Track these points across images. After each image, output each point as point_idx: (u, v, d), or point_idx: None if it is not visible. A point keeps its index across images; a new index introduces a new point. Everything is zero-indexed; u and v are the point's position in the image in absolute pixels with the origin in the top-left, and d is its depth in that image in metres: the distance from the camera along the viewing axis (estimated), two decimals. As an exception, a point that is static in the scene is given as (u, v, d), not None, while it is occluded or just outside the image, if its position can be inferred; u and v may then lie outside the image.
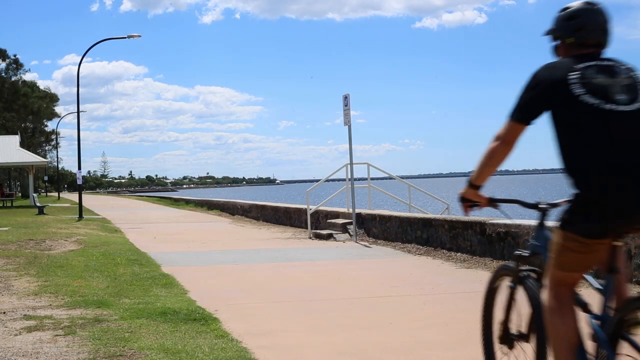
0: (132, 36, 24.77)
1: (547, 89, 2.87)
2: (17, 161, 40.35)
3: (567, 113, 2.83)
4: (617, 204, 2.72)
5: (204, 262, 10.19)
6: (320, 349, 4.80)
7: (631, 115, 2.78)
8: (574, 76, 2.83)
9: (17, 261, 9.58)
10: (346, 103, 13.33)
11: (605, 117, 2.76)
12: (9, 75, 68.74)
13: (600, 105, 2.78)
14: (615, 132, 2.75)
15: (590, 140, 2.76)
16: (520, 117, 2.95)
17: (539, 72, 2.94)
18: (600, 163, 2.73)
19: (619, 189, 2.70)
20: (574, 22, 2.98)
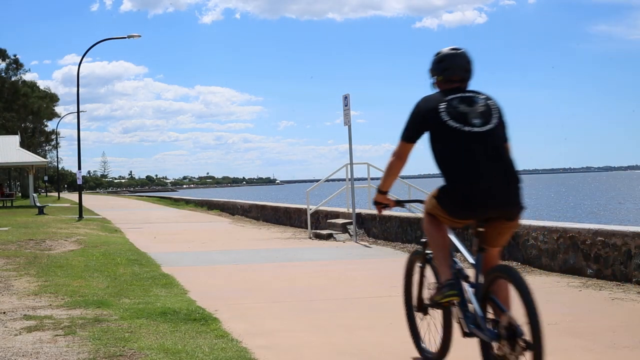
0: (132, 36, 24.77)
1: (425, 117, 3.84)
2: (17, 161, 40.35)
3: (438, 134, 3.79)
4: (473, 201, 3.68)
5: (204, 262, 10.19)
6: (320, 349, 4.81)
7: (484, 134, 3.73)
8: (443, 106, 3.79)
9: (17, 261, 9.58)
10: (346, 103, 13.33)
11: (464, 136, 3.72)
12: (9, 75, 68.73)
13: (460, 128, 3.73)
14: (470, 147, 3.69)
15: (454, 154, 3.72)
16: (407, 138, 3.94)
17: (419, 103, 3.91)
18: (461, 170, 3.69)
19: (474, 191, 3.66)
20: (442, 64, 3.93)
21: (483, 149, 3.71)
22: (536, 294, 7.07)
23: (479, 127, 3.75)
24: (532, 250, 8.69)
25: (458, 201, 3.75)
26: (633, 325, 5.41)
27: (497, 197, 3.69)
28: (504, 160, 3.76)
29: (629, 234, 7.31)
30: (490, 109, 3.83)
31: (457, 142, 3.72)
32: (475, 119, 3.76)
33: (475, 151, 3.69)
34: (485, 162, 3.69)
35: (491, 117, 3.80)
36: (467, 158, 3.69)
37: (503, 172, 3.72)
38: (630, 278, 7.21)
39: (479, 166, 3.68)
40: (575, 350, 4.65)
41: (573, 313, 5.88)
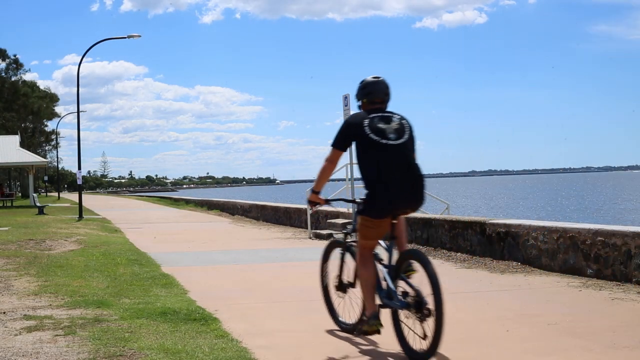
0: (132, 36, 24.77)
1: (352, 130, 4.69)
2: (17, 161, 40.35)
3: (362, 145, 4.63)
4: (388, 199, 4.54)
5: (204, 262, 10.19)
6: (320, 349, 4.81)
7: (397, 147, 4.59)
8: (366, 122, 4.64)
9: (17, 261, 9.58)
10: (346, 103, 13.33)
11: (382, 147, 4.57)
12: (9, 75, 68.73)
13: (379, 141, 4.57)
14: (387, 157, 4.55)
15: (374, 162, 4.57)
16: (339, 147, 4.79)
17: (348, 119, 4.80)
18: (379, 176, 4.53)
19: (388, 191, 4.52)
20: (366, 89, 4.84)
21: (396, 158, 4.59)
22: (536, 294, 7.08)
23: (394, 141, 4.61)
24: (532, 250, 8.69)
25: (380, 204, 4.57)
26: (633, 325, 5.41)
27: (406, 196, 4.59)
28: (412, 167, 4.63)
29: (629, 234, 7.31)
30: (404, 127, 4.72)
31: (376, 151, 4.58)
32: (391, 134, 4.62)
33: (389, 159, 4.57)
34: (397, 168, 4.56)
35: (404, 133, 4.68)
36: (383, 165, 4.56)
37: (411, 177, 4.60)
38: (630, 278, 7.22)
39: (393, 172, 4.55)
40: (575, 350, 4.65)
41: (573, 313, 5.88)
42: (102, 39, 25.53)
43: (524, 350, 4.70)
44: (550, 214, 39.06)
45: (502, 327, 5.39)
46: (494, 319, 5.68)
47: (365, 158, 4.64)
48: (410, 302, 4.41)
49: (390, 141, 4.59)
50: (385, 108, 4.82)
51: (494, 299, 6.66)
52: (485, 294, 6.98)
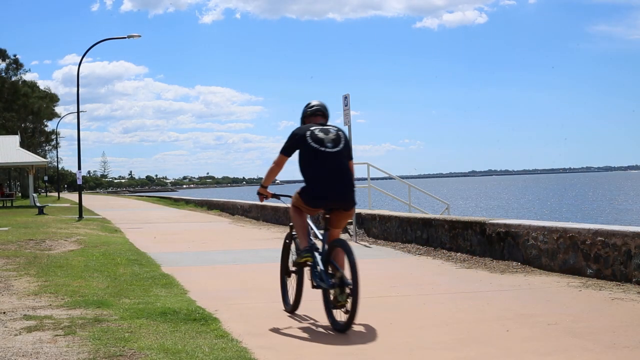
0: (132, 36, 24.78)
1: (297, 139, 5.67)
2: (17, 161, 40.36)
3: (304, 151, 5.62)
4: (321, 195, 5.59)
5: (204, 262, 10.19)
6: (320, 349, 4.81)
7: (334, 154, 5.59)
8: (309, 133, 5.65)
9: (17, 261, 9.58)
10: (346, 103, 13.33)
11: (320, 154, 5.57)
12: (9, 75, 68.78)
13: (318, 148, 5.57)
14: (324, 162, 5.56)
15: (313, 165, 5.59)
16: (285, 153, 5.75)
17: (295, 130, 5.75)
18: (316, 177, 5.58)
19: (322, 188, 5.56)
20: (311, 108, 5.94)
21: (331, 163, 5.58)
22: (536, 294, 7.09)
23: (330, 149, 5.61)
24: (532, 250, 8.69)
25: (312, 196, 5.63)
26: (633, 325, 5.40)
27: (337, 195, 5.59)
28: (345, 172, 5.63)
29: (629, 234, 7.31)
30: (340, 138, 5.72)
31: (315, 157, 5.58)
32: (328, 143, 5.61)
33: (326, 164, 5.57)
34: (332, 172, 5.57)
35: (339, 143, 5.68)
36: (321, 169, 5.57)
37: (343, 180, 5.61)
38: (630, 278, 7.21)
39: (327, 174, 5.56)
40: (575, 350, 4.64)
41: (573, 313, 5.88)
42: (102, 39, 25.57)
43: (524, 350, 4.70)
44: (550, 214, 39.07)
45: (502, 327, 5.39)
46: (494, 319, 5.68)
47: (306, 162, 5.65)
48: (336, 283, 5.30)
49: (327, 149, 5.61)
50: (325, 123, 5.87)
51: (494, 299, 6.66)
52: (485, 294, 6.98)
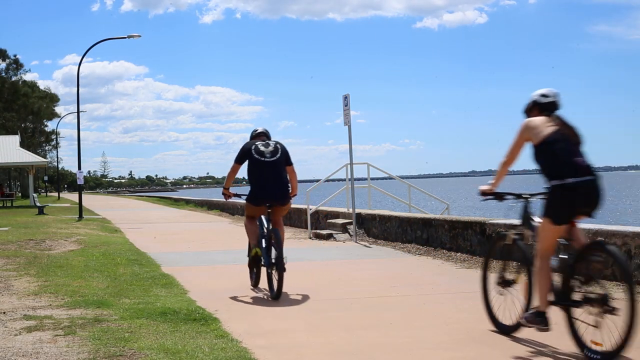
0: (132, 36, 24.78)
1: (245, 152, 7.22)
2: (17, 161, 40.34)
3: (251, 162, 7.18)
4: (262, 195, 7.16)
5: (204, 262, 10.19)
6: (320, 349, 4.81)
7: (272, 163, 7.13)
8: (253, 147, 7.20)
9: (17, 261, 9.58)
10: (346, 103, 13.33)
11: (261, 164, 7.13)
12: (9, 75, 68.75)
13: (259, 159, 7.13)
14: (264, 171, 7.11)
15: (256, 172, 7.15)
16: (238, 162, 7.31)
17: (244, 145, 7.31)
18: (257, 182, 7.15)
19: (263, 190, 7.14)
20: (256, 133, 7.58)
21: (270, 170, 7.15)
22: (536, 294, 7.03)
23: (269, 159, 7.17)
24: (532, 250, 8.67)
25: (255, 197, 7.23)
26: (633, 325, 5.39)
27: (274, 194, 7.16)
28: (281, 176, 7.21)
29: (629, 234, 7.31)
30: (278, 149, 7.26)
31: (258, 166, 7.17)
32: (268, 154, 7.18)
33: (265, 171, 7.15)
34: (270, 177, 7.14)
35: (277, 154, 7.22)
36: (261, 175, 7.16)
37: (277, 182, 7.17)
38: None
39: (267, 179, 7.15)
40: (575, 350, 4.64)
41: (573, 313, 5.86)
42: (102, 39, 25.55)
43: (524, 350, 4.70)
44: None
45: (502, 327, 5.37)
46: (494, 319, 5.66)
47: (251, 170, 7.24)
48: (272, 263, 7.06)
49: (267, 159, 7.17)
50: (266, 139, 7.48)
51: (494, 299, 6.64)
52: (485, 294, 6.97)
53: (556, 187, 4.53)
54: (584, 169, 4.52)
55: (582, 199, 4.49)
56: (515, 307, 5.10)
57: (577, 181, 4.47)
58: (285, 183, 7.21)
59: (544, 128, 4.69)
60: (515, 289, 5.18)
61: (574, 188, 4.47)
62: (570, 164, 4.52)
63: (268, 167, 7.11)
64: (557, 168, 4.55)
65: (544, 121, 4.75)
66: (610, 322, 4.25)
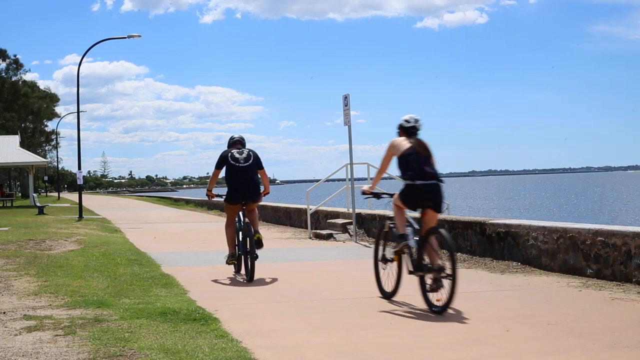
0: (132, 36, 24.77)
1: (223, 159, 8.45)
2: (17, 161, 40.34)
3: (227, 167, 8.42)
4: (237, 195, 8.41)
5: (204, 262, 10.19)
6: (320, 349, 4.81)
7: (245, 168, 8.39)
8: (229, 155, 8.43)
9: (17, 261, 9.58)
10: (346, 103, 13.33)
11: (236, 169, 8.39)
12: (9, 75, 68.72)
13: (235, 165, 8.39)
14: (238, 175, 8.38)
15: (231, 176, 8.41)
16: (217, 168, 8.53)
17: (222, 153, 8.52)
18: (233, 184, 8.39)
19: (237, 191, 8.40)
20: (232, 141, 8.69)
21: (243, 174, 8.37)
22: (536, 294, 7.09)
23: (243, 164, 8.39)
24: (532, 250, 8.69)
25: (232, 196, 8.45)
26: (633, 325, 5.41)
27: (246, 194, 8.42)
28: (253, 179, 8.45)
29: (629, 234, 7.31)
30: (250, 156, 8.46)
31: (233, 170, 8.40)
32: (241, 160, 8.40)
33: (239, 175, 8.38)
34: (243, 180, 8.37)
35: (250, 160, 8.43)
36: (236, 178, 8.39)
37: (251, 183, 8.43)
38: (630, 278, 7.21)
39: (240, 182, 8.37)
40: (575, 350, 4.65)
41: (573, 313, 5.88)
42: (102, 39, 25.55)
43: (524, 350, 4.70)
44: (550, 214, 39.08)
45: (502, 327, 5.39)
46: (494, 319, 5.68)
47: (228, 173, 8.47)
48: (246, 250, 8.32)
49: (241, 164, 8.39)
50: (241, 147, 8.62)
51: (494, 299, 6.66)
52: (485, 294, 6.98)
53: (408, 186, 6.27)
54: (430, 175, 6.22)
55: (425, 195, 6.24)
56: (393, 278, 6.71)
57: (422, 183, 6.20)
58: (256, 185, 8.51)
59: (403, 145, 6.38)
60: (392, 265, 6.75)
61: (420, 188, 6.20)
62: (420, 171, 6.20)
63: (241, 171, 8.37)
64: (410, 173, 6.23)
65: (404, 140, 6.44)
66: (446, 283, 5.89)
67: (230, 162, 8.37)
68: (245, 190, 8.35)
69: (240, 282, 8.14)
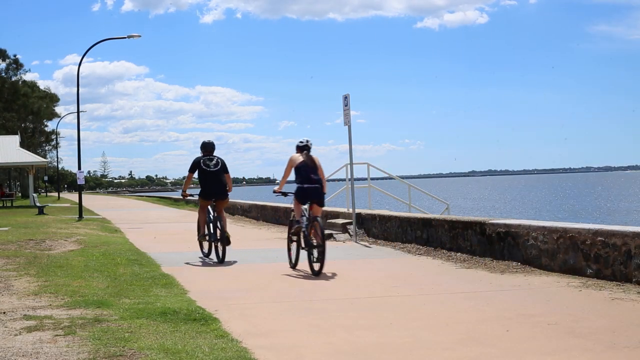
0: (131, 36, 24.77)
1: (196, 164, 10.47)
2: (17, 161, 40.33)
3: (200, 171, 10.46)
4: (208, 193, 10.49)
5: (203, 262, 10.18)
6: (320, 349, 4.81)
7: (214, 172, 10.46)
8: (202, 160, 10.47)
9: (17, 261, 9.58)
10: (346, 103, 13.33)
11: (207, 172, 10.46)
12: (9, 75, 68.70)
13: (206, 169, 10.42)
14: (208, 178, 10.46)
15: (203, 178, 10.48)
16: (191, 171, 10.52)
17: (195, 159, 10.55)
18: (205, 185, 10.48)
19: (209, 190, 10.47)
20: (203, 146, 10.71)
21: (213, 177, 10.30)
22: (536, 294, 7.09)
23: (213, 169, 10.27)
24: (532, 250, 8.69)
25: (205, 194, 10.36)
26: (633, 325, 5.41)
27: (216, 193, 10.34)
28: (220, 180, 10.31)
29: (629, 234, 7.31)
30: (219, 162, 10.34)
31: (205, 174, 10.29)
32: (211, 165, 10.27)
33: (209, 178, 10.30)
34: (212, 181, 10.30)
35: (218, 165, 10.32)
36: (207, 180, 10.30)
37: (219, 184, 10.33)
38: (630, 278, 7.22)
39: (210, 183, 10.32)
40: (575, 350, 4.65)
41: (573, 313, 5.88)
42: (102, 39, 25.54)
43: (524, 350, 4.70)
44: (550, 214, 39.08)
45: (502, 327, 5.39)
46: (494, 319, 5.68)
47: (200, 176, 10.38)
48: (217, 239, 10.11)
49: (211, 169, 10.34)
50: (211, 154, 10.51)
51: (494, 299, 6.66)
52: (485, 294, 6.98)
53: (299, 187, 9.09)
54: (314, 181, 9.07)
55: (311, 194, 9.05)
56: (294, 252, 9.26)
57: (308, 186, 9.05)
58: (223, 185, 10.51)
59: (298, 159, 9.22)
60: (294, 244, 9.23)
61: (307, 189, 9.04)
62: (307, 178, 9.08)
63: (211, 175, 10.40)
64: (300, 179, 9.11)
65: (299, 156, 9.28)
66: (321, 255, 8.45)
67: (202, 167, 10.39)
68: (215, 189, 10.40)
69: (241, 282, 8.15)
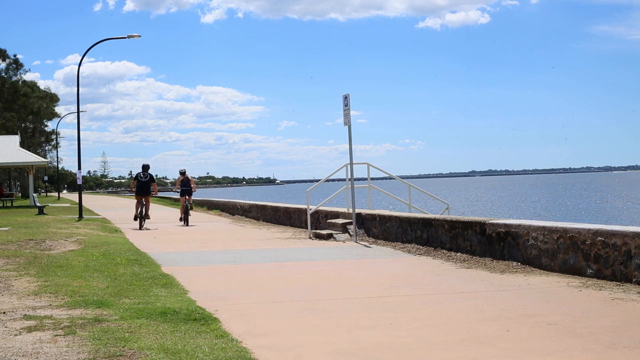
0: (132, 36, 24.78)
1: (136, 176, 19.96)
2: (17, 161, 40.35)
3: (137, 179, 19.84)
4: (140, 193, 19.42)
5: (204, 262, 10.20)
6: (320, 349, 4.81)
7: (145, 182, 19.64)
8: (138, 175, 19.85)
9: (17, 261, 9.58)
10: (346, 103, 13.33)
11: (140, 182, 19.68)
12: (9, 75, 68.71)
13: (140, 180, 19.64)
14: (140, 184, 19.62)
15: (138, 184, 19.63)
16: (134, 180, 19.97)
17: (136, 174, 19.91)
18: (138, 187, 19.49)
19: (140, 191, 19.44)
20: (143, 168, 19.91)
21: (143, 184, 19.37)
22: (536, 294, 7.09)
23: (143, 180, 19.49)
24: (532, 250, 8.69)
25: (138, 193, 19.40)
26: (633, 325, 5.41)
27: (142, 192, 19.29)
28: (147, 186, 19.46)
29: (629, 234, 7.31)
30: (147, 176, 19.57)
31: (139, 182, 19.48)
32: (143, 178, 19.51)
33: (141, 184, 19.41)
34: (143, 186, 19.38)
35: (147, 177, 19.53)
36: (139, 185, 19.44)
37: (146, 189, 19.40)
38: (630, 278, 7.22)
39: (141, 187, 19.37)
40: (575, 350, 4.65)
41: (573, 313, 5.88)
42: (102, 39, 25.56)
43: (524, 350, 4.70)
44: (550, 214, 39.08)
45: (502, 327, 5.39)
46: (494, 319, 5.68)
47: (138, 183, 19.23)
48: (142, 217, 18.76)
49: (143, 179, 19.26)
50: (145, 171, 19.43)
51: (494, 299, 6.66)
52: (485, 294, 6.98)
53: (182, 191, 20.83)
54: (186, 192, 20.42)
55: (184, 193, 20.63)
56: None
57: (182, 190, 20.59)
58: (148, 189, 19.06)
59: (180, 178, 20.87)
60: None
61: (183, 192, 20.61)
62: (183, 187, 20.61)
63: (142, 183, 18.98)
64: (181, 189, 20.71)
65: (181, 177, 20.82)
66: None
67: (138, 179, 19.09)
68: (143, 191, 18.89)
69: (241, 282, 8.15)
